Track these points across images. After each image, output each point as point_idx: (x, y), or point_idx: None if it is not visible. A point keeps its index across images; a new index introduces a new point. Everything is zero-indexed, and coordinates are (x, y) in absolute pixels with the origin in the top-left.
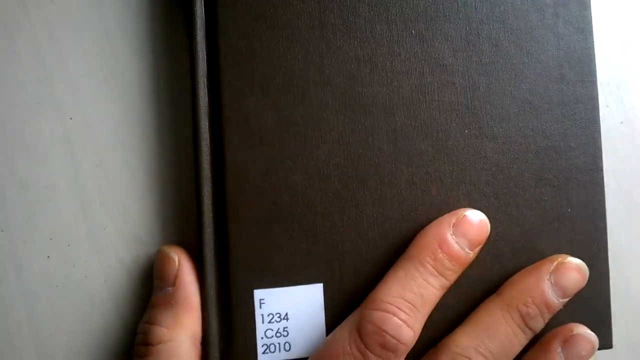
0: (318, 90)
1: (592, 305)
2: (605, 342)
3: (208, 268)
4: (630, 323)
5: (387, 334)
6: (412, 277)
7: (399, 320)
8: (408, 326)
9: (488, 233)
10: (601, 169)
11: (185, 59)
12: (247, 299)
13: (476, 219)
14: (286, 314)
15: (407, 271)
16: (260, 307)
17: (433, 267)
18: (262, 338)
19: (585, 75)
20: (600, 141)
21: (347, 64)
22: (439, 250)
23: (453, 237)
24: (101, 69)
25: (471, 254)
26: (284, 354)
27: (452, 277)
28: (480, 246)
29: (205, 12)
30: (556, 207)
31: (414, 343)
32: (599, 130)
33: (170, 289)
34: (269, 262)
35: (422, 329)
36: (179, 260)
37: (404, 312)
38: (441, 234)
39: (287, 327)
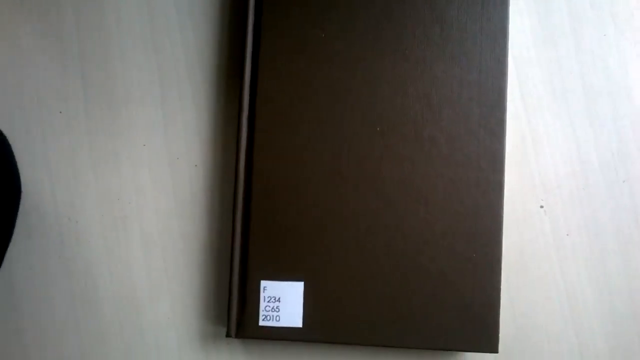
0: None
1: (481, 313)
2: (491, 347)
3: (234, 268)
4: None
5: None
6: None
7: None
8: None
9: None
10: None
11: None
12: (256, 286)
13: None
14: (279, 298)
15: None
16: (264, 292)
17: None
18: (262, 311)
19: (496, 165)
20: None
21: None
22: None
23: None
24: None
25: None
26: (275, 322)
27: None
28: None
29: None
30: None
31: None
32: (502, 205)
33: None
34: (273, 265)
35: None
36: None
37: None
38: None
39: (279, 306)
